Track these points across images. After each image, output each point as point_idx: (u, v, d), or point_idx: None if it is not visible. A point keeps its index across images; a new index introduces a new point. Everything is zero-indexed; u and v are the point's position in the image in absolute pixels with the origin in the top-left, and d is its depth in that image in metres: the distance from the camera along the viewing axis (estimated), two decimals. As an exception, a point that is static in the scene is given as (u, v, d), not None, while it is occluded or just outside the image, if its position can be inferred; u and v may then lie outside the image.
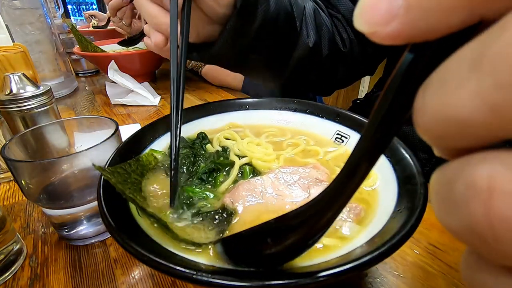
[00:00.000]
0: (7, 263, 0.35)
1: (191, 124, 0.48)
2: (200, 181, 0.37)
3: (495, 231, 0.08)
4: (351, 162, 0.14)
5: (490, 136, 0.09)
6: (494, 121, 0.08)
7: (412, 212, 0.25)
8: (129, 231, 0.26)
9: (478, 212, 0.09)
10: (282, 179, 0.36)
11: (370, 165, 0.14)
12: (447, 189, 0.10)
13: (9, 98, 0.49)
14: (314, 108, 0.49)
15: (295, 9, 0.57)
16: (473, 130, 0.09)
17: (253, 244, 0.23)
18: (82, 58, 1.19)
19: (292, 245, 0.20)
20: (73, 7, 2.93)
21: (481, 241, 0.09)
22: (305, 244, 0.20)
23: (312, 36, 0.60)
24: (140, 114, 0.82)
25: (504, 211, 0.08)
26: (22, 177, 0.34)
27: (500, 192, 0.08)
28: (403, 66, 0.11)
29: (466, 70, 0.09)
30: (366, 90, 2.45)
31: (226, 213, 0.32)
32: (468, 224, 0.09)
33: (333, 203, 0.16)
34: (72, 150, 0.44)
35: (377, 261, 0.21)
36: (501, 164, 0.09)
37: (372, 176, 0.35)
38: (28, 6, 0.83)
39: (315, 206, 0.18)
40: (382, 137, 0.13)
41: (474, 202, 0.09)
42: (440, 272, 0.33)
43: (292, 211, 0.19)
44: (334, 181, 0.16)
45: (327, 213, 0.17)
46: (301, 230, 0.19)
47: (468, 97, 0.08)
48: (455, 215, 0.10)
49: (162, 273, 0.24)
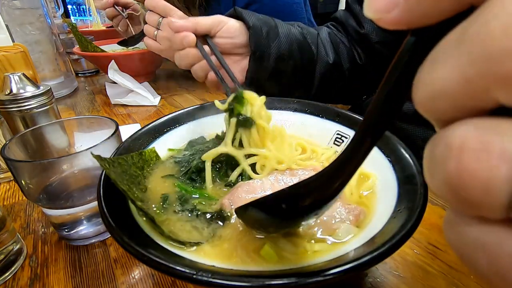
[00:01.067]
0: (7, 263, 0.35)
1: (190, 124, 0.48)
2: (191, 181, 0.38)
3: (463, 182, 0.10)
4: (358, 135, 0.16)
5: (470, 106, 0.10)
6: (469, 91, 0.10)
7: (412, 212, 0.25)
8: (129, 231, 0.26)
9: (451, 167, 0.10)
10: (281, 181, 0.36)
11: (375, 137, 0.15)
12: (431, 153, 0.11)
13: (9, 98, 0.49)
14: (314, 108, 0.49)
15: (308, 37, 0.68)
16: (456, 100, 0.10)
17: (269, 209, 0.24)
18: (82, 58, 1.19)
19: (303, 211, 0.21)
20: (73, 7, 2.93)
21: (454, 193, 0.10)
22: (314, 211, 0.21)
23: (330, 54, 0.70)
24: (140, 114, 0.82)
25: (471, 164, 0.09)
26: (22, 177, 0.34)
27: (469, 149, 0.10)
28: (405, 48, 0.12)
29: (451, 49, 0.10)
30: (366, 90, 2.44)
31: (221, 216, 0.32)
32: (444, 179, 0.10)
33: (341, 173, 0.18)
34: (72, 150, 0.44)
35: (377, 261, 0.21)
36: (473, 126, 0.10)
37: (372, 177, 0.35)
38: (28, 6, 0.83)
39: (324, 176, 0.19)
40: (387, 110, 0.14)
41: (448, 158, 0.10)
42: (440, 272, 0.33)
43: (304, 180, 0.20)
44: (342, 153, 0.17)
45: (335, 182, 0.18)
46: (311, 197, 0.20)
47: (450, 71, 0.10)
48: (436, 174, 0.11)
49: (162, 273, 0.24)
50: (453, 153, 0.10)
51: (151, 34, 0.87)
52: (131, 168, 0.34)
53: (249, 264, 0.26)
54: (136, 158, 0.37)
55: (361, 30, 0.72)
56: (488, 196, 0.09)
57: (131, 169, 0.34)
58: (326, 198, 0.20)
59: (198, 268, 0.21)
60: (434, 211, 0.42)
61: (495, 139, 0.09)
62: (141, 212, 0.28)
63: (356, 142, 0.16)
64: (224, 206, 0.33)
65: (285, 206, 0.22)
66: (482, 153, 0.09)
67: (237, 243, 0.29)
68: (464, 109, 0.10)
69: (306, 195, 0.21)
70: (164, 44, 0.86)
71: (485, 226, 0.10)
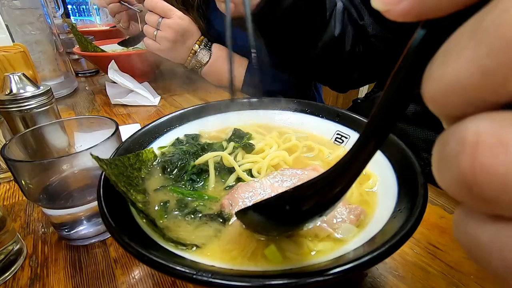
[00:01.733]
0: (7, 263, 0.35)
1: (190, 124, 0.48)
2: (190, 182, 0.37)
3: (478, 178, 0.09)
4: (366, 132, 0.15)
5: (484, 100, 0.10)
6: (486, 84, 0.09)
7: (412, 212, 0.25)
8: (129, 231, 0.26)
9: (465, 163, 0.10)
10: (280, 181, 0.36)
11: (383, 135, 0.14)
12: (442, 149, 0.11)
13: (9, 98, 0.49)
14: (314, 108, 0.49)
15: (328, 2, 0.67)
16: (470, 94, 0.10)
17: (273, 211, 0.23)
18: (82, 58, 1.19)
19: (307, 213, 0.21)
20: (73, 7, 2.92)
21: (468, 190, 0.10)
22: (318, 213, 0.21)
23: (338, 28, 0.69)
24: (140, 114, 0.82)
25: (486, 160, 0.09)
26: (22, 177, 0.34)
27: (484, 144, 0.09)
28: (415, 41, 0.12)
29: (465, 41, 0.10)
30: (366, 90, 2.45)
31: (221, 217, 0.32)
32: (457, 176, 0.10)
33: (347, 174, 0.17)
34: (72, 150, 0.44)
35: (377, 261, 0.21)
36: (488, 121, 0.09)
37: (372, 178, 0.35)
38: (28, 6, 0.83)
39: (329, 177, 0.19)
40: (395, 107, 0.13)
41: (462, 155, 0.10)
42: (440, 272, 0.33)
43: (308, 181, 0.20)
44: (348, 154, 0.17)
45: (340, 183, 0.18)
46: (316, 199, 0.20)
47: (465, 64, 0.09)
48: (447, 171, 0.11)
49: (162, 273, 0.24)
50: (467, 149, 0.10)
51: (150, 34, 0.87)
52: (128, 169, 0.34)
53: (249, 264, 0.26)
54: (133, 160, 0.36)
55: (360, 21, 0.72)
56: (506, 193, 0.09)
57: (128, 170, 0.34)
58: (331, 200, 0.19)
59: (198, 268, 0.21)
60: (434, 211, 0.42)
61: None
62: (141, 214, 0.28)
63: (363, 141, 0.15)
64: (224, 206, 0.33)
65: (289, 209, 0.21)
66: (499, 148, 0.09)
67: (238, 243, 0.29)
68: (477, 104, 0.10)
69: (310, 197, 0.20)
70: (163, 44, 0.86)
71: (501, 225, 0.10)
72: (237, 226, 0.31)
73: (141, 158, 0.38)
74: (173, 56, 0.91)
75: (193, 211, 0.33)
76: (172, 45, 0.86)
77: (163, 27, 0.85)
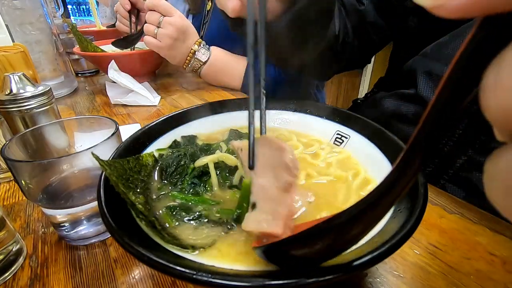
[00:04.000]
0: (7, 263, 0.35)
1: (190, 124, 0.48)
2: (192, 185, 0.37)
3: None
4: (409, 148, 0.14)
5: None
6: None
7: (412, 212, 0.25)
8: (129, 231, 0.26)
9: None
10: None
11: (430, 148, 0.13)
12: (503, 167, 0.10)
13: (9, 98, 0.49)
14: (314, 108, 0.49)
15: None
16: None
17: (302, 248, 0.21)
18: (82, 58, 1.18)
19: (340, 246, 0.20)
20: (73, 7, 2.93)
21: None
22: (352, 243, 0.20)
23: (337, 24, 0.67)
24: (140, 114, 0.82)
25: None
26: (22, 177, 0.34)
27: None
28: (472, 42, 0.10)
29: None
30: (366, 90, 2.45)
31: (225, 222, 0.31)
32: None
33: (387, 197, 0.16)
34: (72, 150, 0.44)
35: (377, 261, 0.21)
36: None
37: (372, 183, 0.35)
38: (28, 6, 0.83)
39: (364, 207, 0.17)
40: (447, 114, 0.12)
41: None
42: (440, 272, 0.33)
43: (342, 213, 0.18)
44: (387, 177, 0.16)
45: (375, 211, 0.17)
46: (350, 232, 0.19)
47: None
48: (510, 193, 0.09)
49: (162, 273, 0.24)
50: None
51: (151, 32, 0.87)
52: (127, 172, 0.34)
53: (250, 264, 0.26)
54: (132, 163, 0.36)
55: (360, 6, 0.70)
56: None
57: (127, 173, 0.34)
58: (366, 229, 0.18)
59: (198, 268, 0.21)
60: (434, 211, 0.42)
61: None
62: (141, 215, 0.28)
63: (406, 158, 0.14)
64: (234, 146, 0.33)
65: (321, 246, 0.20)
66: None
67: (238, 244, 0.29)
68: None
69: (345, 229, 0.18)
70: (164, 41, 0.86)
71: None
72: (238, 230, 0.31)
73: (141, 162, 0.38)
74: (173, 55, 0.91)
75: (197, 216, 0.32)
76: (172, 42, 0.86)
77: (165, 24, 0.85)
